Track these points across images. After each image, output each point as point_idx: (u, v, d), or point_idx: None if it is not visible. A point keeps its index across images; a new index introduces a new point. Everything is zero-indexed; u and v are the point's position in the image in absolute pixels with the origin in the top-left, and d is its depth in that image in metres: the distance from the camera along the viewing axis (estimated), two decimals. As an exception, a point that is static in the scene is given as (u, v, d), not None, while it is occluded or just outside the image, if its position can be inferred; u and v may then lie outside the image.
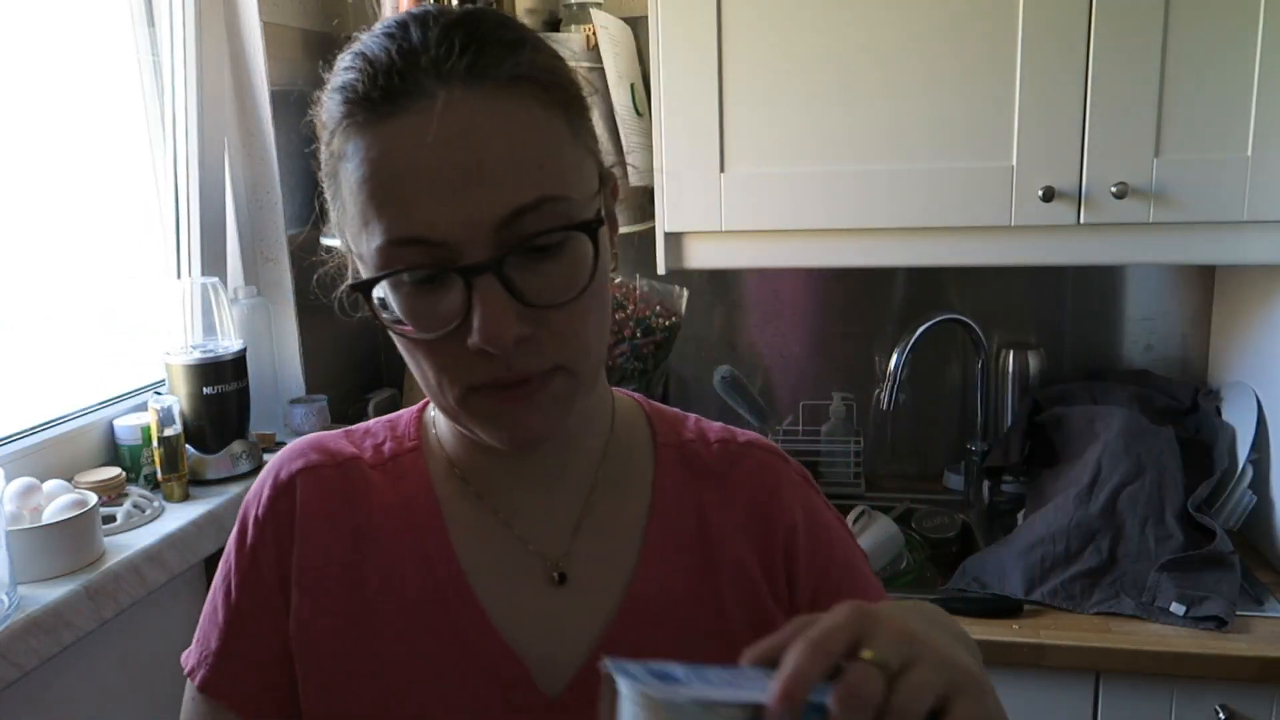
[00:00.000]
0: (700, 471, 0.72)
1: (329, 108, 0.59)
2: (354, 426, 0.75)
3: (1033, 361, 1.79)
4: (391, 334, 0.60)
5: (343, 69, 0.59)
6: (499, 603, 0.66)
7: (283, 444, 1.65)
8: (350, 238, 0.60)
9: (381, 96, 0.56)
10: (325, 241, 0.69)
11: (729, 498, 0.71)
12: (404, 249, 0.55)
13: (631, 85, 1.68)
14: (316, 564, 0.67)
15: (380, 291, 0.58)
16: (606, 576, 0.68)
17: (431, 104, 0.55)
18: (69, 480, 1.28)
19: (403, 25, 0.58)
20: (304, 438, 0.73)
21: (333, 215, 0.63)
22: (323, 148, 0.61)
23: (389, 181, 0.55)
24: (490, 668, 0.65)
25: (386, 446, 0.72)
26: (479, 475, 0.70)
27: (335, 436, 0.73)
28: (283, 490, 0.69)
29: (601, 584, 0.68)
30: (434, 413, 0.73)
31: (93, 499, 1.21)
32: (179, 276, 1.57)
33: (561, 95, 0.59)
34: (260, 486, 0.71)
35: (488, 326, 0.54)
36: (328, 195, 0.62)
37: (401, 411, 0.76)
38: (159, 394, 1.49)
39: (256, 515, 0.70)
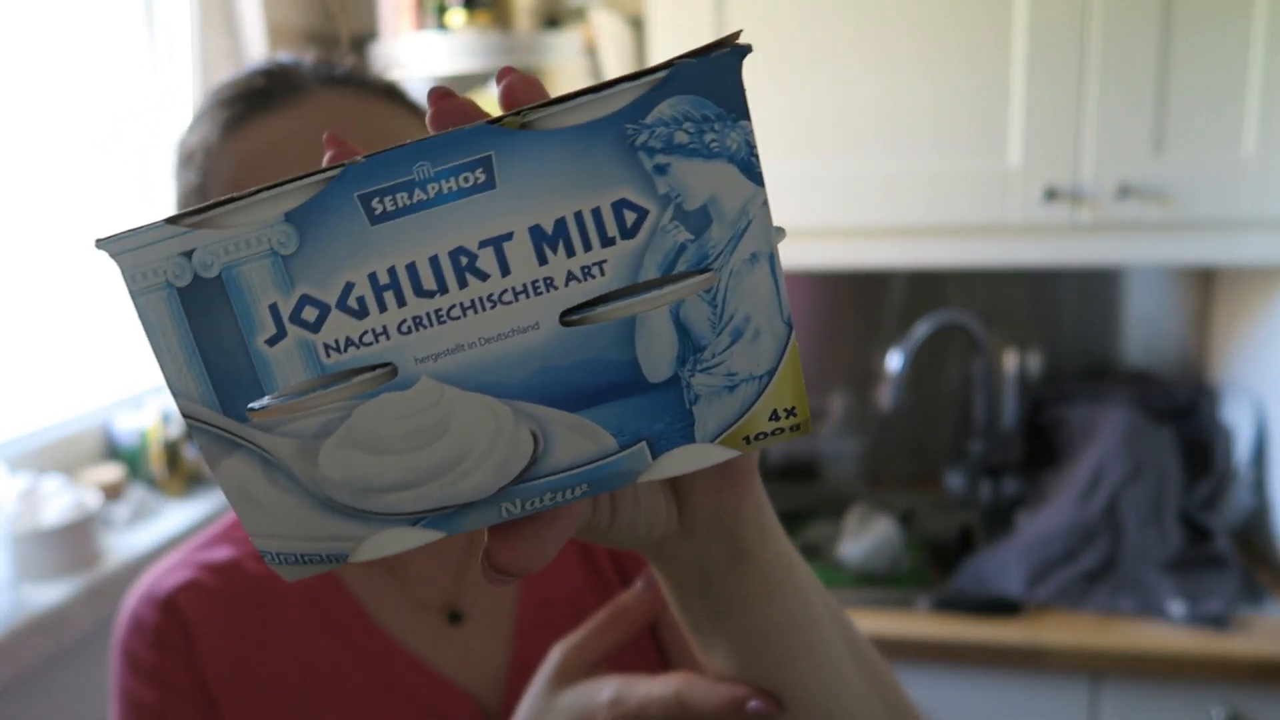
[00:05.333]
0: None
1: (199, 131, 0.60)
2: (221, 523, 0.71)
3: (1033, 361, 1.79)
4: None
5: (214, 94, 0.61)
6: (423, 647, 0.65)
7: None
8: None
9: (262, 92, 0.58)
10: None
11: None
12: None
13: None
14: (224, 674, 0.63)
15: None
16: (497, 604, 0.67)
17: (312, 100, 0.58)
18: (70, 480, 1.28)
19: (274, 60, 0.62)
20: (162, 561, 0.68)
21: None
22: (183, 176, 0.61)
23: (271, 173, 0.56)
24: (438, 710, 0.64)
25: None
26: None
27: (198, 547, 0.68)
28: (164, 607, 0.64)
29: (493, 614, 0.66)
30: None
31: (93, 499, 1.21)
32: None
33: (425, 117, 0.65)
34: (135, 617, 0.64)
35: None
36: None
37: None
38: (159, 394, 1.49)
39: (149, 641, 0.63)
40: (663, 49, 1.48)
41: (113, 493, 1.32)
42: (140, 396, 1.49)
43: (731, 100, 0.26)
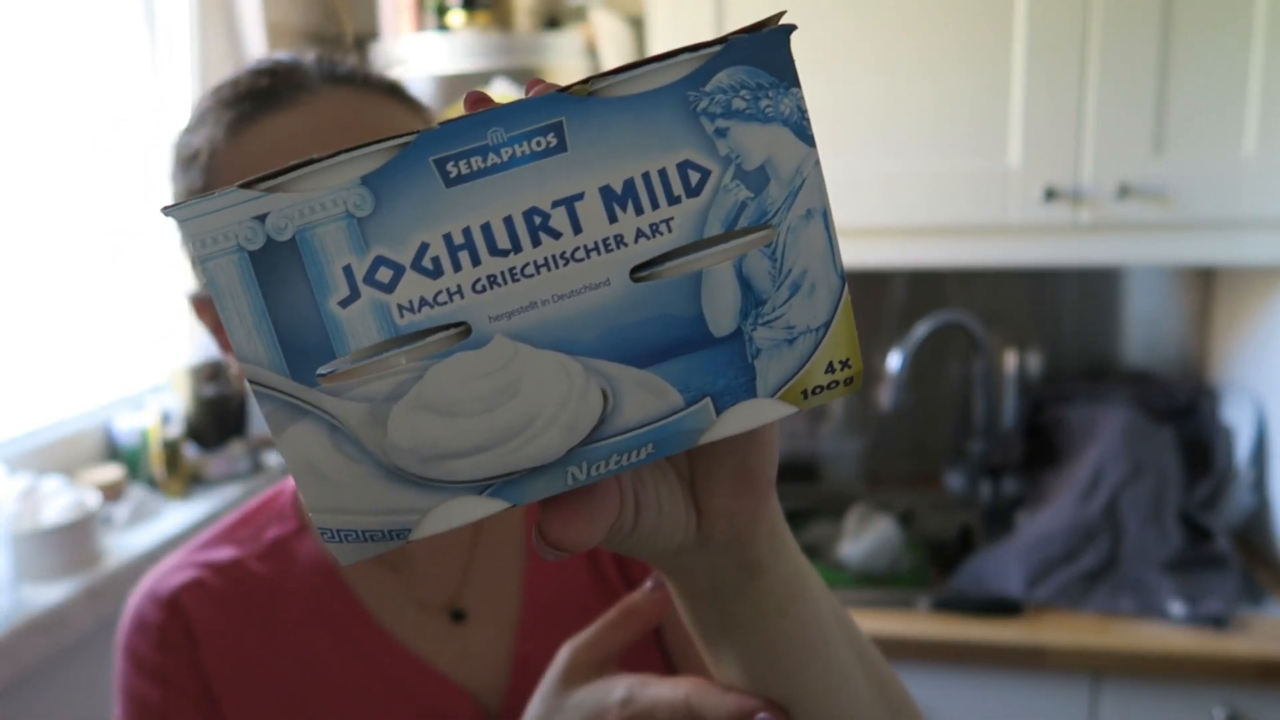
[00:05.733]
0: None
1: (202, 131, 0.60)
2: (223, 522, 0.70)
3: (1033, 361, 1.79)
4: None
5: (214, 94, 0.61)
6: (424, 646, 0.65)
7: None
8: None
9: (267, 92, 0.58)
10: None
11: None
12: None
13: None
14: (226, 673, 0.63)
15: None
16: (499, 603, 0.66)
17: (317, 98, 0.58)
18: (70, 480, 1.28)
19: (274, 60, 0.62)
20: (165, 561, 0.68)
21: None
22: (184, 177, 0.61)
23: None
24: (439, 710, 0.63)
25: (269, 533, 0.68)
26: None
27: (200, 547, 0.68)
28: (167, 606, 0.64)
29: (496, 613, 0.66)
30: None
31: (93, 499, 1.21)
32: (180, 276, 1.57)
33: (427, 115, 0.65)
34: (138, 616, 0.64)
35: None
36: None
37: (278, 490, 0.72)
38: (159, 394, 1.49)
39: (152, 641, 0.63)
40: (662, 49, 1.47)
41: (113, 493, 1.31)
42: (140, 396, 1.49)
43: (783, 70, 0.28)
